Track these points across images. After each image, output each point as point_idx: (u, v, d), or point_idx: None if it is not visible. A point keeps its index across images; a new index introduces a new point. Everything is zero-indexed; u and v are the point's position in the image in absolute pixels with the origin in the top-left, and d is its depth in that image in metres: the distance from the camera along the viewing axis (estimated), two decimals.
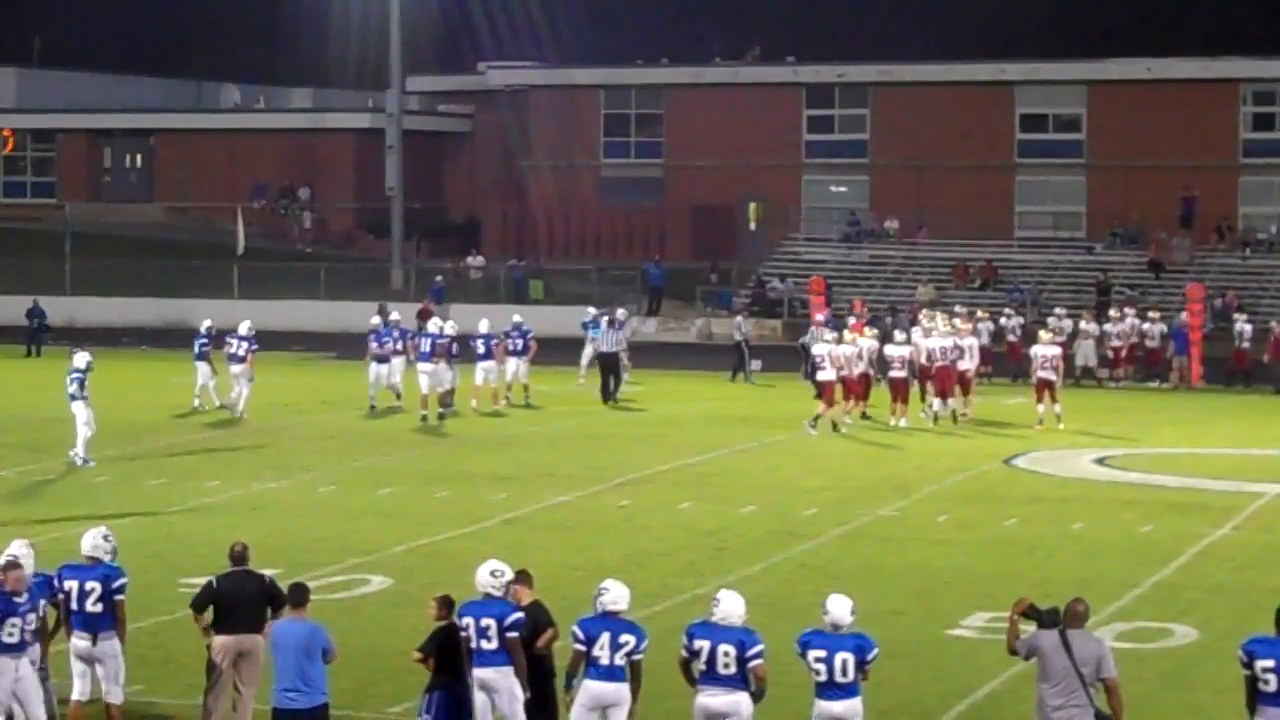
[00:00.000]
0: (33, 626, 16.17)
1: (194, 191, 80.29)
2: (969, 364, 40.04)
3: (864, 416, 39.68)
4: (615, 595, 15.34)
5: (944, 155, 71.26)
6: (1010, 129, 72.26)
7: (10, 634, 15.97)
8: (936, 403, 39.47)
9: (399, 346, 41.52)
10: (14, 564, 16.31)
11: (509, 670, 15.59)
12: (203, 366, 41.05)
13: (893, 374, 39.55)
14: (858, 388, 39.14)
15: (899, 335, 41.20)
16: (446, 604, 16.10)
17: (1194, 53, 71.13)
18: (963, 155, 71.14)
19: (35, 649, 16.26)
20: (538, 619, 15.99)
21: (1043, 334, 41.26)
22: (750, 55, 79.35)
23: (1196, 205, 67.16)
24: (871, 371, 39.56)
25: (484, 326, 42.52)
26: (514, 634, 15.54)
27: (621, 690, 15.18)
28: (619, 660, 15.13)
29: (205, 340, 41.15)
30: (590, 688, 15.18)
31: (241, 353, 39.94)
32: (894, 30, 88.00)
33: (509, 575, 15.88)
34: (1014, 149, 72.35)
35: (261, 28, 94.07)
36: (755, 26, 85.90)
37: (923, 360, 39.67)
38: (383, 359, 41.41)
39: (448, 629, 15.95)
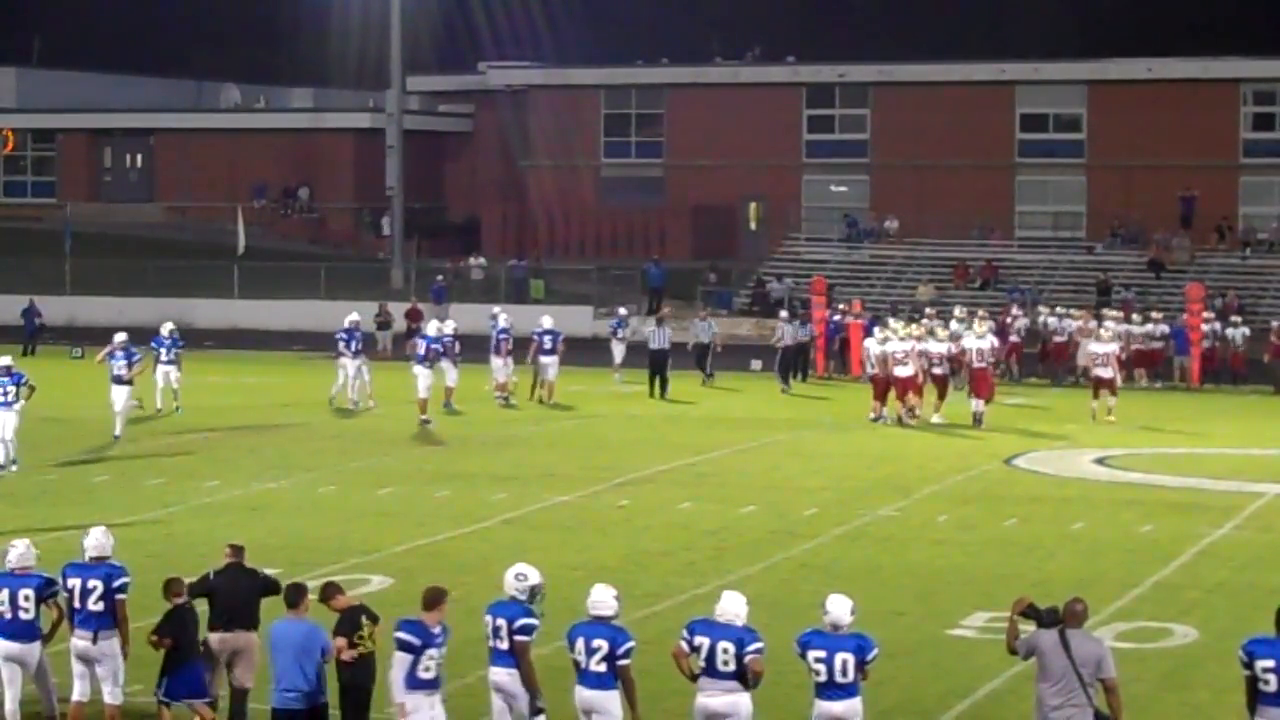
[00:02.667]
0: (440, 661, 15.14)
1: (194, 191, 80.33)
2: (941, 368, 39.83)
3: (877, 418, 39.80)
4: (595, 598, 15.32)
5: (944, 155, 71.26)
6: (1010, 129, 72.27)
7: (427, 668, 15.10)
8: (976, 403, 39.55)
9: (359, 348, 41.76)
10: (440, 592, 15.44)
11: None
12: (165, 371, 40.45)
13: (935, 370, 39.80)
14: (884, 386, 39.44)
15: (941, 333, 41.43)
16: (178, 586, 16.61)
17: (1194, 53, 71.16)
18: (963, 155, 71.16)
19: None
20: (351, 622, 16.06)
21: (1101, 331, 42.34)
22: (750, 55, 79.37)
23: (1196, 205, 67.18)
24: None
25: (548, 322, 43.42)
26: (521, 638, 15.43)
27: (603, 698, 15.05)
28: (596, 666, 15.04)
29: (159, 344, 40.56)
30: (576, 693, 15.20)
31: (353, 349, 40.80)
32: (894, 30, 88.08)
33: (533, 580, 15.64)
34: (1014, 149, 72.37)
35: (261, 28, 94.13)
36: (755, 26, 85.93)
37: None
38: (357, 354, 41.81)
39: (180, 610, 16.38)
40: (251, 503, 29.51)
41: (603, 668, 15.03)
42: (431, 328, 41.52)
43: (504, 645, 15.51)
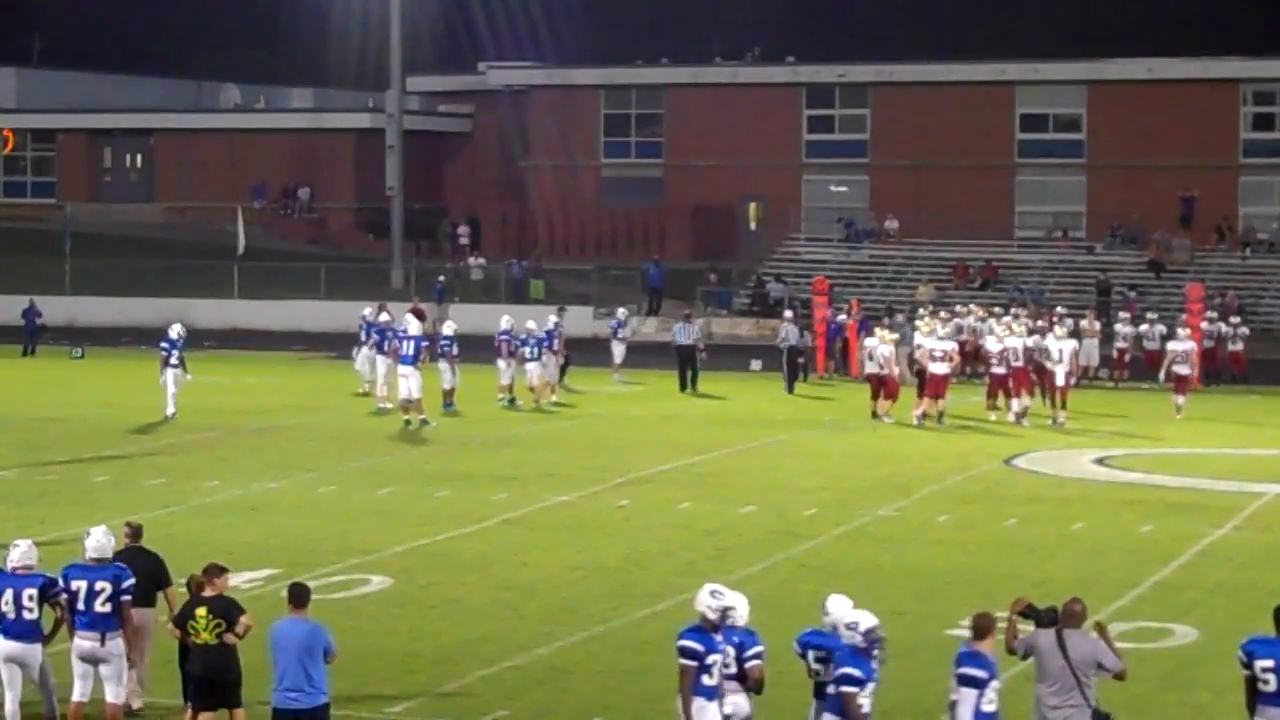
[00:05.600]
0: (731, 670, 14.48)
1: (194, 191, 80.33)
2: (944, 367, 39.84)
3: (874, 415, 39.91)
4: (844, 614, 14.92)
5: (944, 155, 71.27)
6: (1010, 129, 72.28)
7: (990, 700, 14.31)
8: (1015, 402, 39.74)
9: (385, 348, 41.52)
10: (990, 620, 14.43)
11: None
12: (173, 373, 39.30)
13: (995, 370, 40.25)
14: (895, 386, 39.56)
15: (999, 330, 41.65)
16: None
17: (1194, 53, 71.18)
18: (963, 155, 71.16)
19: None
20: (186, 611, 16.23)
21: (1180, 330, 43.80)
22: (750, 55, 79.38)
23: (1196, 205, 67.19)
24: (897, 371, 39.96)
25: (550, 322, 43.87)
26: (683, 660, 14.61)
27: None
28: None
29: (172, 346, 39.37)
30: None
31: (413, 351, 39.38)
32: (894, 30, 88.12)
33: (728, 600, 14.78)
34: (1014, 149, 72.37)
35: (261, 28, 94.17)
36: (755, 26, 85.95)
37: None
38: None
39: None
40: (251, 503, 29.50)
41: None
42: (448, 328, 41.48)
43: (713, 681, 14.67)
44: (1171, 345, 42.80)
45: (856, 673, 14.20)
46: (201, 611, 16.07)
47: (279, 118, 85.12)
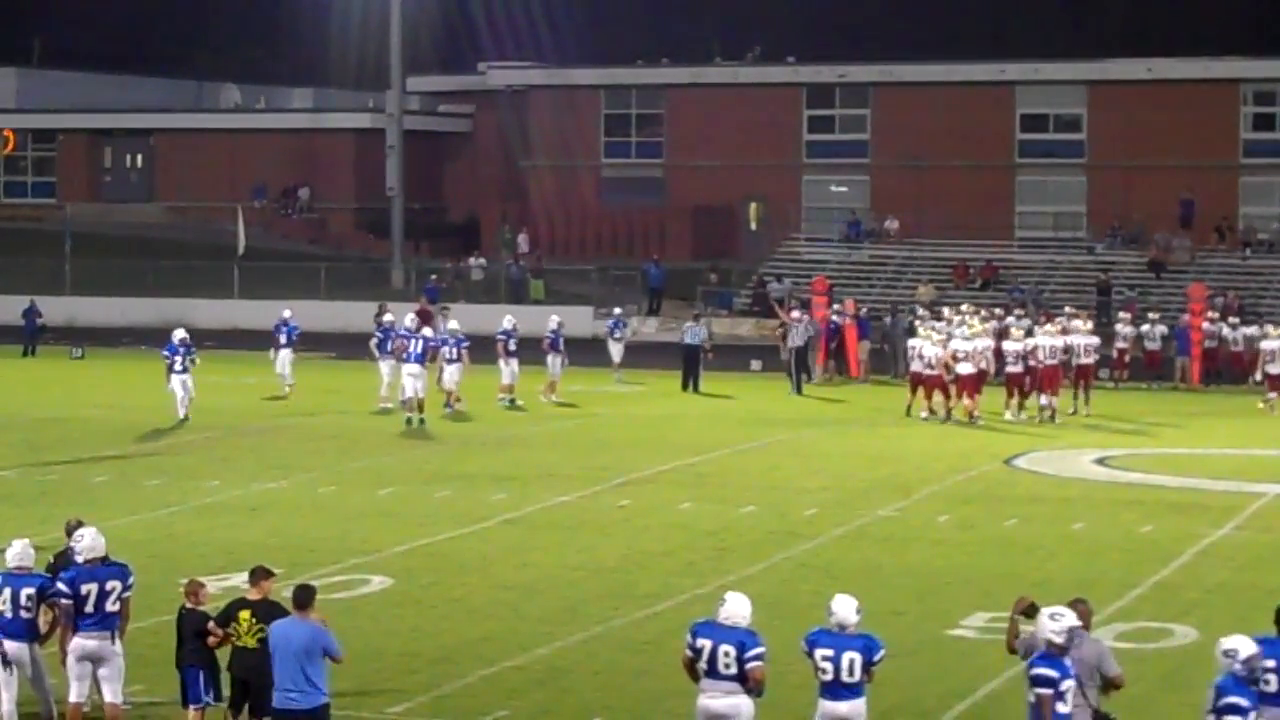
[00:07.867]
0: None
1: (194, 191, 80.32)
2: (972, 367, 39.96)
3: (907, 411, 40.05)
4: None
5: (944, 155, 71.25)
6: (1010, 129, 72.27)
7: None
8: (1044, 399, 39.93)
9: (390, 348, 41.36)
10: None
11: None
12: (182, 379, 39.07)
13: (1010, 369, 40.31)
14: (938, 383, 39.80)
15: (1016, 331, 41.81)
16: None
17: (1194, 53, 71.15)
18: (963, 155, 71.15)
19: None
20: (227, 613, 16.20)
21: (1271, 330, 44.50)
22: (750, 55, 79.39)
23: (1196, 205, 67.18)
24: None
25: (554, 322, 43.79)
26: (1039, 690, 14.25)
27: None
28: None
29: (173, 351, 39.21)
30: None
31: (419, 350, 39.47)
32: (894, 30, 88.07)
33: (1070, 619, 14.32)
34: (1014, 149, 72.37)
35: (261, 28, 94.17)
36: (755, 26, 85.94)
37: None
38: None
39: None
40: (251, 503, 29.50)
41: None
42: (451, 325, 41.46)
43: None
44: (1265, 345, 43.66)
45: (1244, 702, 13.86)
46: (245, 614, 16.11)
47: (279, 118, 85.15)
